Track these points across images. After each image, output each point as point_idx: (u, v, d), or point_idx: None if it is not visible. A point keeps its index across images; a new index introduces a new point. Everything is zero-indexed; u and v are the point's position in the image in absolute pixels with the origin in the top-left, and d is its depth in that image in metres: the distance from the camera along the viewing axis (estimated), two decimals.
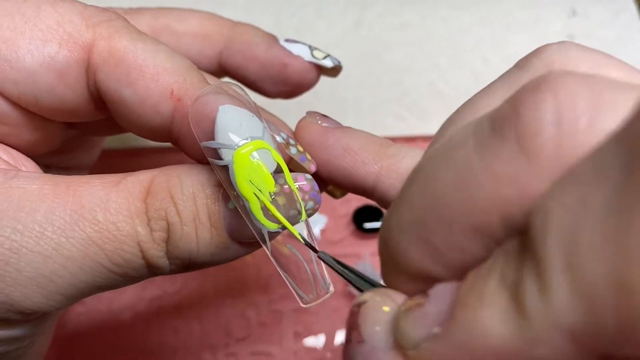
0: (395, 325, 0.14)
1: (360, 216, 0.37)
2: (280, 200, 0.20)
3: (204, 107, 0.19)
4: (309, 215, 0.21)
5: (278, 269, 0.20)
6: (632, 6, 0.47)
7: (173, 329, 0.35)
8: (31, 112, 0.21)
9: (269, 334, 0.35)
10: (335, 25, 0.46)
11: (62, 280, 0.19)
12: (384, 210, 0.37)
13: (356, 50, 0.45)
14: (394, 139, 0.41)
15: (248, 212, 0.19)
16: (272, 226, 0.19)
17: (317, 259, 0.20)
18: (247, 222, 0.20)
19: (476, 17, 0.47)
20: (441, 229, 0.14)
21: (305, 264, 0.20)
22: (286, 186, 0.20)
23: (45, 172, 0.22)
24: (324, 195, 0.38)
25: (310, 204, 0.21)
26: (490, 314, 0.12)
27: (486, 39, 0.46)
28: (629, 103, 0.12)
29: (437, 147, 0.16)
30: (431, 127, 0.42)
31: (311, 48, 0.28)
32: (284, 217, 0.20)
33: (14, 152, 0.22)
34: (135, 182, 0.20)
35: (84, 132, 0.27)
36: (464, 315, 0.12)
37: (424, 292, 0.14)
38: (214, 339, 0.35)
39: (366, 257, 0.36)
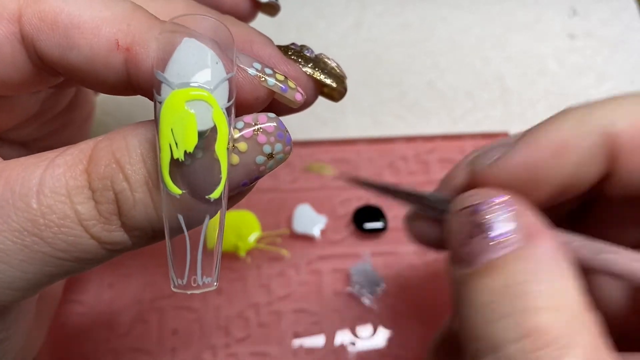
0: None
1: (360, 216, 0.37)
2: (242, 147, 0.18)
3: (170, 36, 0.17)
4: (281, 160, 0.18)
5: (167, 239, 0.18)
6: (633, 5, 0.47)
7: (173, 329, 0.35)
8: None
9: (268, 334, 0.35)
10: (335, 26, 0.46)
11: (4, 275, 0.18)
12: (383, 211, 0.37)
13: (356, 50, 0.45)
14: (393, 139, 0.41)
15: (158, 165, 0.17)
16: (174, 190, 0.17)
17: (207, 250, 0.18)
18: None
19: (476, 17, 0.47)
20: None
21: (188, 248, 0.18)
22: (247, 130, 0.18)
23: (24, 152, 0.20)
24: (325, 195, 0.38)
25: (279, 146, 0.18)
26: None
27: (486, 39, 0.46)
28: None
29: None
30: (431, 127, 0.42)
31: None
32: (251, 165, 0.18)
33: None
34: (75, 152, 0.18)
35: (61, 87, 0.24)
36: None
37: None
38: (214, 339, 0.35)
39: (366, 257, 0.36)
